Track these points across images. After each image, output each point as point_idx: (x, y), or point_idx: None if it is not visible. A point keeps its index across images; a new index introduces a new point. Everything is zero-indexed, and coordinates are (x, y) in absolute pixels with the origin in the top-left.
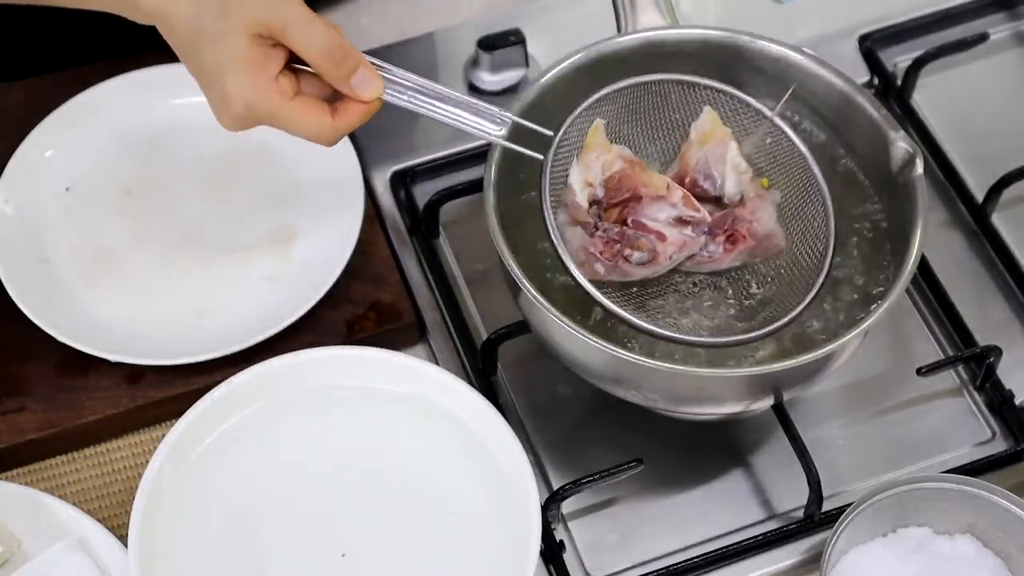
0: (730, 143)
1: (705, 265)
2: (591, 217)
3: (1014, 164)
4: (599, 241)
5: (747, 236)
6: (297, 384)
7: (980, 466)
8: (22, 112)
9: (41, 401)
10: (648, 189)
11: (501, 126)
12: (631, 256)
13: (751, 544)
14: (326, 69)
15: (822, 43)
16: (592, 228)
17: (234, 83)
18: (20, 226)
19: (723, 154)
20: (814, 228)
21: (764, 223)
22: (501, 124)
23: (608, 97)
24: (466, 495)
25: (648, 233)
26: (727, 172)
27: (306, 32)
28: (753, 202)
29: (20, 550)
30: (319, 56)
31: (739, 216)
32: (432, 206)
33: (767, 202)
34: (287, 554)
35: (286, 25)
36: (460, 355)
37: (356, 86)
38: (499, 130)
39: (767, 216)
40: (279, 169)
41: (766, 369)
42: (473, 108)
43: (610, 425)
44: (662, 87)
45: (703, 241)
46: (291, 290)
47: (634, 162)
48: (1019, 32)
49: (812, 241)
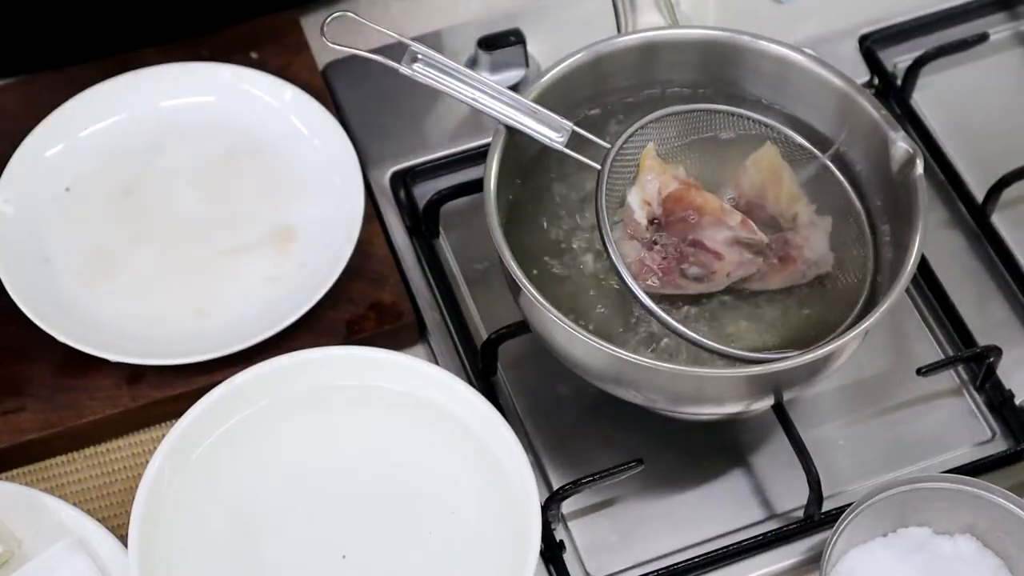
0: (786, 173)
1: (754, 284)
2: (649, 234)
3: (1014, 164)
4: (657, 255)
5: (798, 259)
6: (297, 384)
7: (980, 466)
8: (22, 112)
9: (41, 401)
10: (706, 210)
11: (562, 133)
12: (688, 271)
13: (751, 544)
14: None
15: (822, 43)
16: (650, 243)
17: None
18: (20, 226)
19: (778, 182)
20: (851, 256)
21: (816, 248)
22: (561, 131)
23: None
24: (466, 495)
25: (706, 252)
26: (782, 198)
27: None
28: (807, 228)
29: (20, 550)
30: None
31: (792, 241)
32: (432, 206)
33: (820, 229)
34: (287, 553)
35: None
36: (460, 355)
37: None
38: (560, 137)
39: (819, 242)
40: (279, 169)
41: (766, 369)
42: (537, 115)
43: (610, 425)
44: (717, 116)
45: (760, 262)
46: (291, 290)
47: (690, 184)
48: (1019, 32)
49: (850, 268)
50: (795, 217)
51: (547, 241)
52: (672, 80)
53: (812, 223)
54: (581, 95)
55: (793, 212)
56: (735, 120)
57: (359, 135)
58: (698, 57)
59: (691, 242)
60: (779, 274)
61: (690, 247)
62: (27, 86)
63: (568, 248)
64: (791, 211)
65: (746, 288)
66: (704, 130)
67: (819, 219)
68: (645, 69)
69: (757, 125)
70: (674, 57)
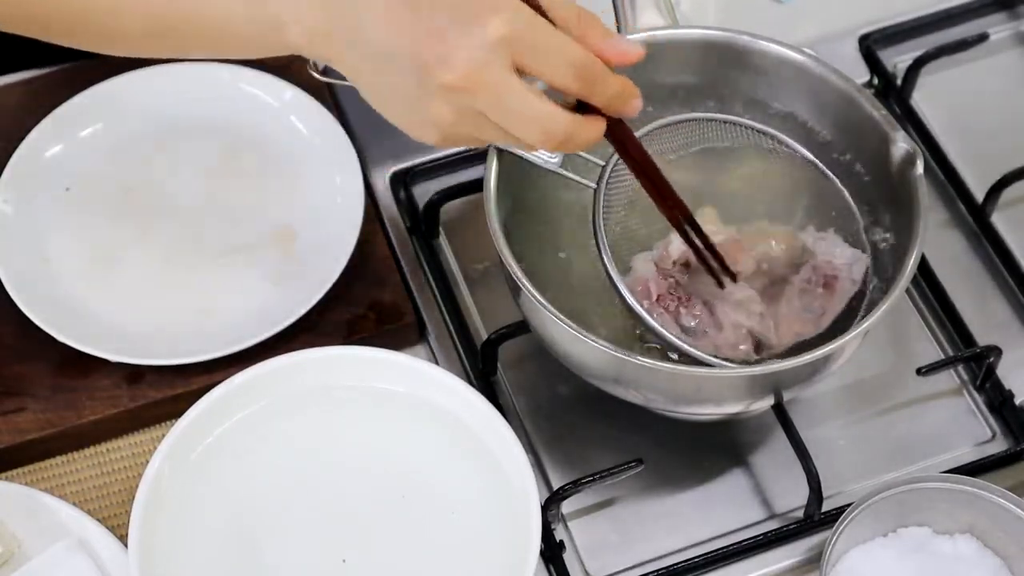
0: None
1: (824, 320)
2: (673, 268)
3: (1014, 164)
4: (665, 286)
5: (839, 275)
6: (297, 384)
7: (980, 466)
8: (22, 112)
9: (41, 401)
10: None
11: (556, 155)
12: (683, 319)
13: (751, 544)
14: (585, 25)
15: (822, 43)
16: (668, 274)
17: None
18: (20, 226)
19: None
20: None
21: (842, 254)
22: (556, 153)
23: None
24: (466, 495)
25: (713, 320)
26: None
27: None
28: (821, 244)
29: (20, 550)
30: (574, 11)
31: (819, 264)
32: (432, 206)
33: (830, 238)
34: (286, 551)
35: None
36: (460, 355)
37: (618, 43)
38: (555, 158)
39: (839, 246)
40: (279, 169)
41: (766, 369)
42: None
43: (610, 425)
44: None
45: (746, 351)
46: (291, 290)
47: (737, 241)
48: (1019, 32)
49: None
50: (803, 247)
51: (547, 241)
52: (672, 80)
53: (821, 238)
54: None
55: (799, 244)
56: (733, 129)
57: (359, 135)
58: (698, 57)
59: (706, 303)
60: (833, 296)
61: (702, 306)
62: (27, 86)
63: (568, 248)
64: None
65: (818, 330)
66: (700, 141)
67: (823, 234)
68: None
69: (756, 134)
70: (674, 57)
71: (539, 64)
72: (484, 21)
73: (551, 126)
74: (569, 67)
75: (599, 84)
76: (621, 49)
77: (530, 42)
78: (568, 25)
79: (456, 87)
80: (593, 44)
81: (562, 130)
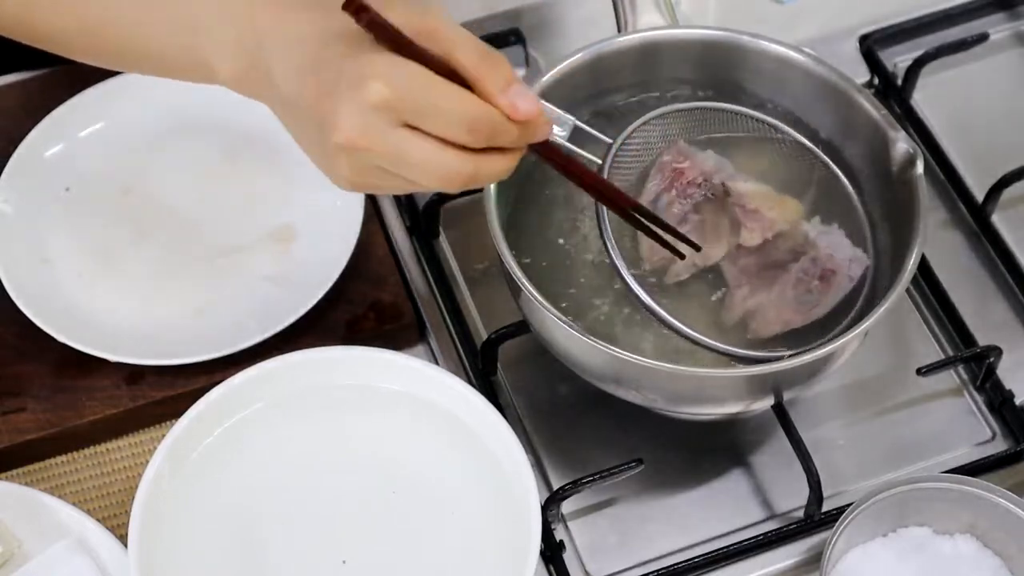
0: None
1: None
2: (693, 189)
3: (1014, 164)
4: (676, 195)
5: (837, 270)
6: (297, 384)
7: (980, 466)
8: (22, 112)
9: (41, 401)
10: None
11: (564, 127)
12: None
13: (751, 544)
14: (483, 71)
15: (822, 43)
16: (684, 191)
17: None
18: (20, 226)
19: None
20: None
21: (844, 250)
22: (564, 125)
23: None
24: (466, 495)
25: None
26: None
27: (457, 29)
28: (824, 237)
29: (20, 550)
30: (475, 55)
31: (819, 257)
32: (432, 206)
33: (834, 233)
34: (287, 550)
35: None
36: (460, 355)
37: (514, 97)
38: (562, 132)
39: (842, 243)
40: (279, 169)
41: (766, 369)
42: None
43: (610, 425)
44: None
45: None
46: (291, 290)
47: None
48: (1019, 32)
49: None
50: (806, 237)
51: (547, 241)
52: (672, 80)
53: (824, 232)
54: (581, 95)
55: (802, 233)
56: (738, 119)
57: None
58: (698, 57)
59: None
60: (830, 290)
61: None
62: (27, 86)
63: (569, 247)
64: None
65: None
66: (706, 129)
67: (827, 227)
68: (645, 69)
69: (761, 124)
70: (674, 57)
71: (426, 123)
72: (364, 85)
73: (449, 173)
74: (459, 123)
75: (497, 134)
76: (513, 104)
77: (412, 103)
78: (466, 72)
79: (347, 147)
80: (489, 94)
81: (466, 173)
